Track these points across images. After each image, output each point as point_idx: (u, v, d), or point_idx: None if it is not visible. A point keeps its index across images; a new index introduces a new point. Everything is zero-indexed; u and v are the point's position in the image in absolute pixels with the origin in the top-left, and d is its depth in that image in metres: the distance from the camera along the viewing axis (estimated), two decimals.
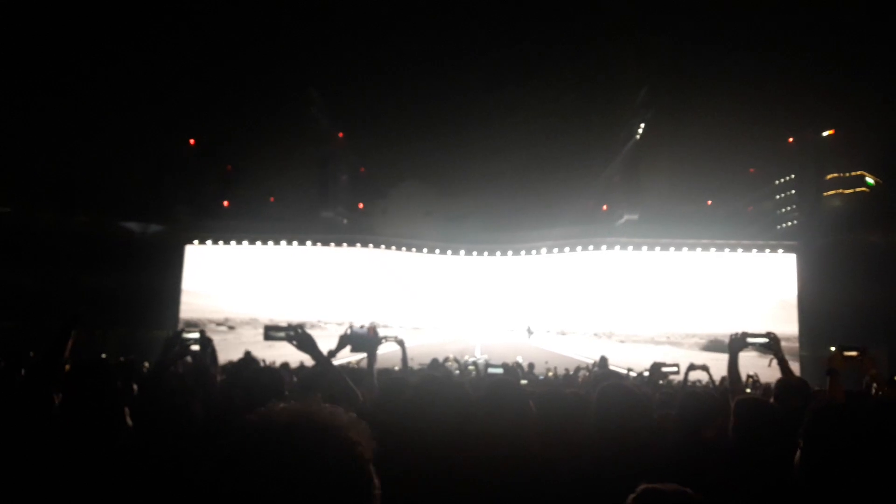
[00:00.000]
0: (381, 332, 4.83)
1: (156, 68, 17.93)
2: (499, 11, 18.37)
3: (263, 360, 9.80)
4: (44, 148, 18.80)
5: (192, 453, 2.64)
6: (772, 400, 4.24)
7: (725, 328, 20.02)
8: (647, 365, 9.00)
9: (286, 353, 12.49)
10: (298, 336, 3.10)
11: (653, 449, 2.58)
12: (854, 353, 4.72)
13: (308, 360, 9.37)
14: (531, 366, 14.06)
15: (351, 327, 4.00)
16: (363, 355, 4.28)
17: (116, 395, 2.85)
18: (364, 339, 3.97)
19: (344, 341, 3.81)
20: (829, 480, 2.30)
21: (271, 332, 3.11)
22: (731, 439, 3.05)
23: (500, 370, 4.94)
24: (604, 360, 11.56)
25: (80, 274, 19.11)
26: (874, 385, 5.03)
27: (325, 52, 18.67)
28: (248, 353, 11.41)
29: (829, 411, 2.53)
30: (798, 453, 2.45)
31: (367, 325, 4.11)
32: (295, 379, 6.49)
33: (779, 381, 4.55)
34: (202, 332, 4.76)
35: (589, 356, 18.09)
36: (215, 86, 18.94)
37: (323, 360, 3.15)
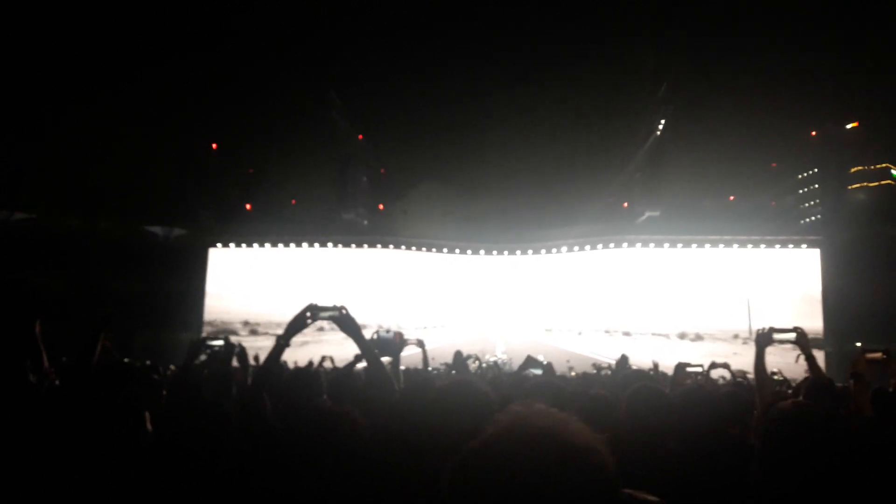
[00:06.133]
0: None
1: (178, 75, 18.09)
2: (516, 11, 18.35)
3: (296, 362, 9.82)
4: (69, 155, 19.05)
5: (223, 456, 2.68)
6: (800, 398, 4.20)
7: (749, 324, 19.90)
8: (666, 363, 8.94)
9: (306, 356, 12.55)
10: (343, 318, 3.10)
11: (677, 448, 2.58)
12: (878, 355, 4.67)
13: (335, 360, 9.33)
14: (550, 364, 14.00)
15: (377, 332, 4.04)
16: (388, 358, 4.30)
17: (137, 400, 2.89)
18: (389, 344, 4.00)
19: (371, 345, 3.84)
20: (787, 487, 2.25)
21: (316, 312, 3.12)
22: (758, 445, 2.99)
23: (539, 371, 4.91)
24: (624, 359, 11.47)
25: (106, 278, 19.35)
26: None
27: (344, 55, 18.76)
28: (256, 356, 11.40)
29: (791, 417, 2.45)
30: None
31: (393, 330, 4.15)
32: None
33: (809, 381, 4.49)
34: (226, 339, 4.81)
35: (608, 355, 18.03)
36: (236, 90, 19.09)
37: (365, 346, 3.16)
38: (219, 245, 23.15)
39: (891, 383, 4.79)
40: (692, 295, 22.24)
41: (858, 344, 16.63)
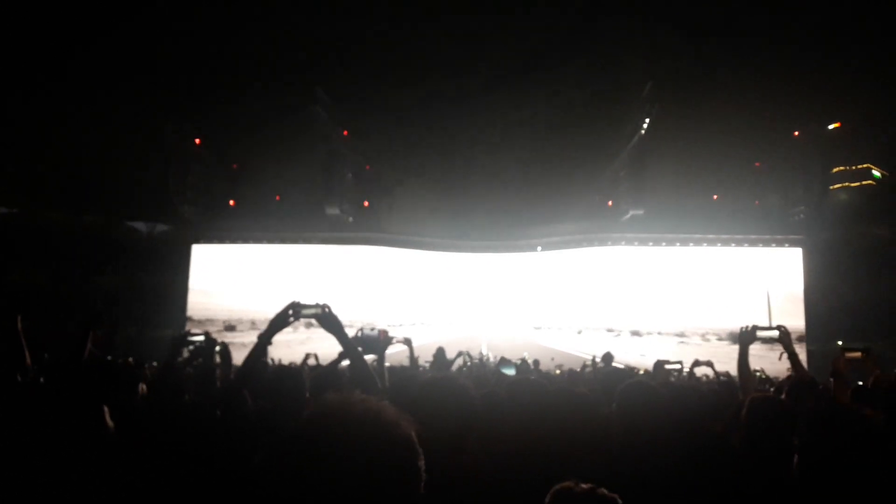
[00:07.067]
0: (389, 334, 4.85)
1: (162, 68, 17.97)
2: (503, 7, 18.36)
3: (280, 360, 9.81)
4: (52, 150, 18.90)
5: (199, 450, 2.67)
6: (783, 396, 4.24)
7: (731, 323, 20.02)
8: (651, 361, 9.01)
9: (292, 354, 12.52)
10: (325, 315, 3.10)
11: (668, 445, 2.60)
12: (857, 354, 4.72)
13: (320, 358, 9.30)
14: (536, 362, 14.04)
15: (361, 330, 4.02)
16: (372, 356, 4.29)
17: (94, 395, 2.88)
18: (374, 342, 3.99)
19: (355, 343, 3.83)
20: (826, 482, 2.31)
21: (299, 309, 3.11)
22: (741, 436, 3.06)
23: (512, 371, 4.96)
24: (608, 356, 11.55)
25: (89, 274, 19.22)
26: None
27: (330, 51, 18.68)
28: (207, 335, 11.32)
29: (827, 413, 2.54)
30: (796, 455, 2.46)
31: (377, 328, 4.12)
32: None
33: (791, 379, 4.53)
34: (207, 335, 4.81)
35: (593, 352, 18.09)
36: (221, 85, 18.97)
37: (348, 344, 3.15)
38: (202, 241, 23.06)
39: (870, 381, 4.86)
40: (675, 293, 22.38)
41: (840, 343, 16.81)
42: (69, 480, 2.38)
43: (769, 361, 10.53)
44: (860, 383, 4.71)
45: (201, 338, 4.77)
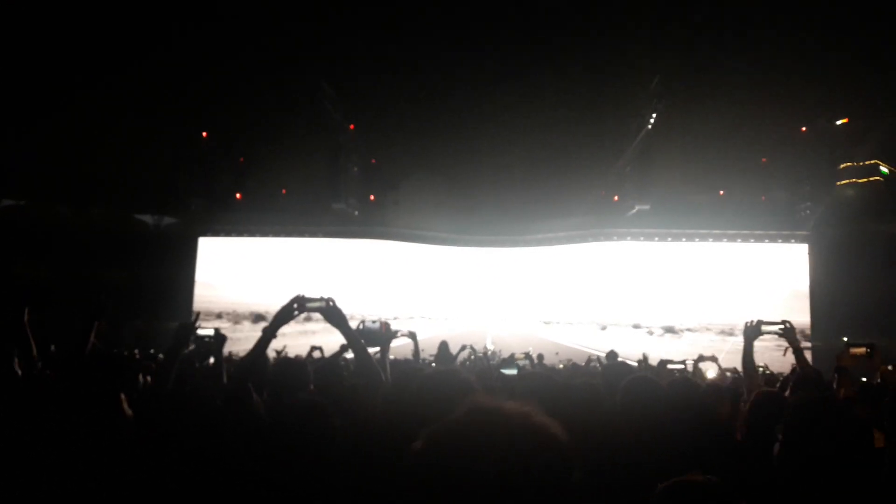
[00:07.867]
0: (393, 327, 4.86)
1: (168, 62, 17.97)
2: (510, 1, 18.31)
3: (286, 349, 9.82)
4: (60, 143, 18.94)
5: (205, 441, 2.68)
6: (787, 392, 4.23)
7: (737, 319, 20.00)
8: (653, 357, 9.03)
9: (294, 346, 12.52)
10: (329, 309, 3.11)
11: (672, 440, 2.61)
12: (862, 350, 4.70)
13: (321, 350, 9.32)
14: (540, 357, 14.05)
15: (363, 322, 4.04)
16: (375, 349, 4.30)
17: (111, 385, 2.89)
18: (376, 334, 4.02)
19: (358, 336, 3.84)
20: (806, 472, 2.32)
21: (303, 303, 3.13)
22: (744, 431, 3.07)
23: (514, 372, 4.96)
24: (612, 353, 11.61)
25: (96, 267, 19.29)
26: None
27: (336, 45, 18.65)
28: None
29: (809, 404, 2.54)
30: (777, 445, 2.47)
31: (379, 320, 4.14)
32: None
33: (796, 374, 4.52)
34: (217, 331, 4.82)
35: (597, 348, 18.10)
36: (227, 79, 18.96)
37: (352, 337, 3.17)
38: (209, 234, 23.13)
39: (876, 377, 4.84)
40: (680, 289, 22.36)
41: (845, 339, 16.75)
42: (87, 471, 2.40)
43: (774, 357, 10.52)
44: (864, 379, 4.70)
45: (210, 332, 4.78)
